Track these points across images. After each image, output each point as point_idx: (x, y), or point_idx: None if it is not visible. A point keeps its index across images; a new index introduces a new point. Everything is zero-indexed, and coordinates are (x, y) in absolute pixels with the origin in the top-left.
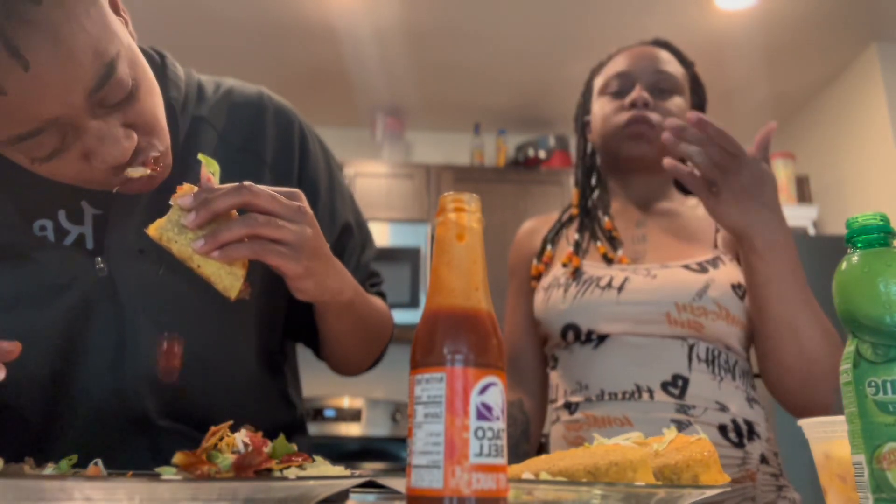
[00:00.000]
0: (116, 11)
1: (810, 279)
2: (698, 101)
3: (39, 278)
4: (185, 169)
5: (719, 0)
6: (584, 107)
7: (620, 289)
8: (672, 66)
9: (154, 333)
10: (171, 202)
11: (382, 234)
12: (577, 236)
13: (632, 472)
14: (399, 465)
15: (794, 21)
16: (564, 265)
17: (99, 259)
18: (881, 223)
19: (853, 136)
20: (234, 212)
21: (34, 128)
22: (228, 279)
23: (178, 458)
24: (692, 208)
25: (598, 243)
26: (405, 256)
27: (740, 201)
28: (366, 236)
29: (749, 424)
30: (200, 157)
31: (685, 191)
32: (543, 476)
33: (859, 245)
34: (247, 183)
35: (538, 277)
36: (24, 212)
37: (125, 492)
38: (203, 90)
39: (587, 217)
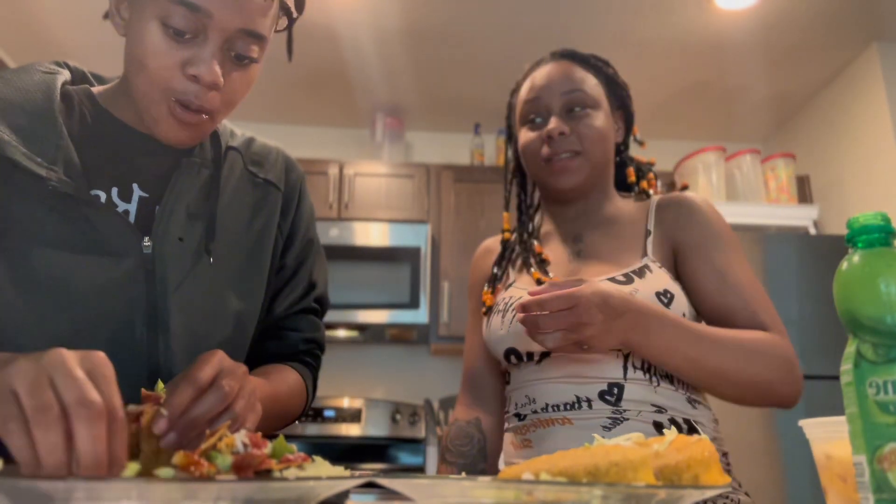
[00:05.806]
0: None
1: (811, 279)
2: (619, 101)
3: (94, 241)
4: (218, 187)
5: (719, 0)
6: (511, 129)
7: None
8: (583, 79)
9: (179, 316)
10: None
11: (382, 234)
12: (495, 269)
13: (632, 473)
14: (399, 466)
15: (794, 21)
16: (484, 305)
17: (146, 238)
18: (882, 223)
19: (853, 136)
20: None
21: (200, 6)
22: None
23: (177, 458)
24: (627, 209)
25: (533, 269)
26: (405, 256)
27: (607, 332)
28: (324, 299)
29: (689, 422)
30: (144, 392)
31: (625, 188)
32: (543, 476)
33: (860, 245)
34: (203, 381)
35: (486, 306)
36: (86, 176)
37: (124, 492)
38: (234, 131)
39: (520, 246)
